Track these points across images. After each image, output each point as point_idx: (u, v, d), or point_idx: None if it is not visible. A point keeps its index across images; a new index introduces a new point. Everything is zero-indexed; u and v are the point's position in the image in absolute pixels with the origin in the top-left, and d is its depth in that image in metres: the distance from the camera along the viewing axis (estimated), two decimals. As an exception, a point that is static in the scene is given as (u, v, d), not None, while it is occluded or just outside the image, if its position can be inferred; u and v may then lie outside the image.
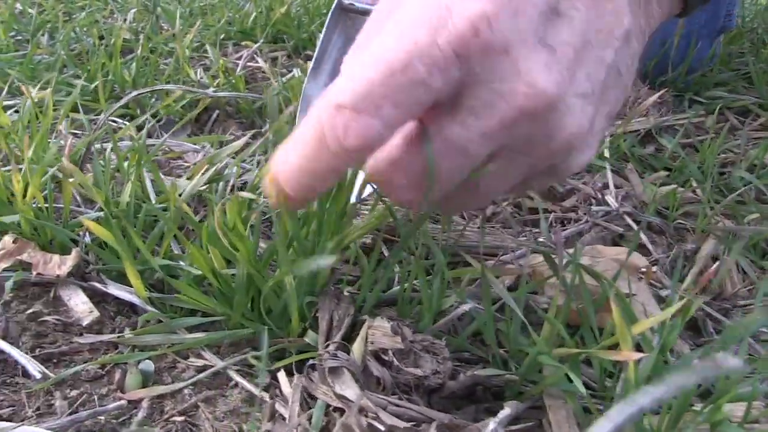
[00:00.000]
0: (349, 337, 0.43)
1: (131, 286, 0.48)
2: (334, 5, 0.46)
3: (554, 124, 0.32)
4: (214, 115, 0.76)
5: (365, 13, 0.45)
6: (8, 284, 0.45)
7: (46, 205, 0.51)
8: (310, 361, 0.40)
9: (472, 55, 0.29)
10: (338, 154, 0.29)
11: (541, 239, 0.59)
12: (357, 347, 0.40)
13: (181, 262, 0.49)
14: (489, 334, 0.44)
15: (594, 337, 0.44)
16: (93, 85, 0.70)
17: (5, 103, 0.74)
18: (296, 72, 0.83)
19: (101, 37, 0.88)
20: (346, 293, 0.45)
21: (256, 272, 0.42)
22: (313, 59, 0.47)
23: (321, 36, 0.47)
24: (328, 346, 0.42)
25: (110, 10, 0.99)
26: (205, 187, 0.54)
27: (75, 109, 0.70)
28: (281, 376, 0.41)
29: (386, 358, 0.40)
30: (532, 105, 0.30)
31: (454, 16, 0.28)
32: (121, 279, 0.50)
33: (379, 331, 0.40)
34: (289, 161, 0.30)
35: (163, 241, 0.48)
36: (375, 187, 0.36)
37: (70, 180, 0.47)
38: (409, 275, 0.45)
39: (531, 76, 0.30)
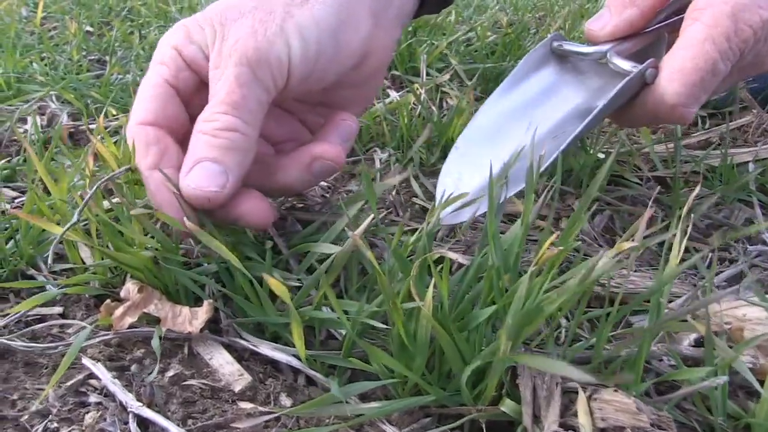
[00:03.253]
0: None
1: (276, 342, 0.42)
2: (543, 43, 0.53)
3: None
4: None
5: (570, 54, 0.53)
6: (155, 344, 0.39)
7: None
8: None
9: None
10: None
11: (701, 282, 0.53)
12: (586, 424, 0.33)
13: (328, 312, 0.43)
14: (713, 401, 0.38)
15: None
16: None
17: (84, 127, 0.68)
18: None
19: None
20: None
21: (444, 333, 0.36)
22: (508, 79, 0.52)
23: (522, 63, 0.52)
24: (538, 420, 0.35)
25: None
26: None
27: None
28: (486, 456, 0.35)
29: (619, 437, 0.34)
30: None
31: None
32: (259, 333, 0.44)
33: (611, 405, 0.34)
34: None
35: (320, 290, 0.41)
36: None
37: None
38: (602, 330, 0.40)
39: None
